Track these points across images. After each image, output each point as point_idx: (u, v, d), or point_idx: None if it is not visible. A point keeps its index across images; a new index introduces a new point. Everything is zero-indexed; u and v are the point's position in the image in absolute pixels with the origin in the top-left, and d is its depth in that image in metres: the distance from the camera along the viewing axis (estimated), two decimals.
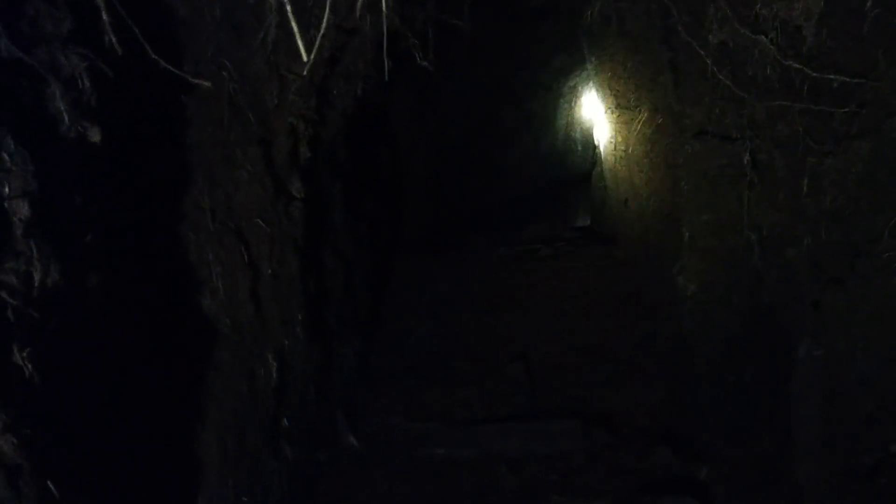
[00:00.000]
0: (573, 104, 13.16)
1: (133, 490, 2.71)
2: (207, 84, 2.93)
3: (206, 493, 3.30)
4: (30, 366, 1.93)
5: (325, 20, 2.47)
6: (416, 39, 4.48)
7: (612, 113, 8.16)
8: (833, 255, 3.42)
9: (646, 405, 5.62)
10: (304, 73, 3.29)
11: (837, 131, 3.21)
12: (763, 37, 3.29)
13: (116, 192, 2.70)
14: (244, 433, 3.65)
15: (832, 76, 3.10)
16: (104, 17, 2.05)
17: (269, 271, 3.95)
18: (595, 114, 9.81)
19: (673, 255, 5.43)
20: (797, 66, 3.20)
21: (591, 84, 10.20)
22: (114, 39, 2.16)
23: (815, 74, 3.13)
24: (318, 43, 2.47)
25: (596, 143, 9.92)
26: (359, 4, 3.39)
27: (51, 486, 1.94)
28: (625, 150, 7.62)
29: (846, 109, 3.10)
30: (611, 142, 8.66)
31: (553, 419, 5.50)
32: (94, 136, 2.39)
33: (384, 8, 2.97)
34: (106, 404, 2.54)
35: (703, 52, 3.64)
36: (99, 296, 2.46)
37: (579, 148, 12.67)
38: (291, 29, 2.82)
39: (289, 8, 2.20)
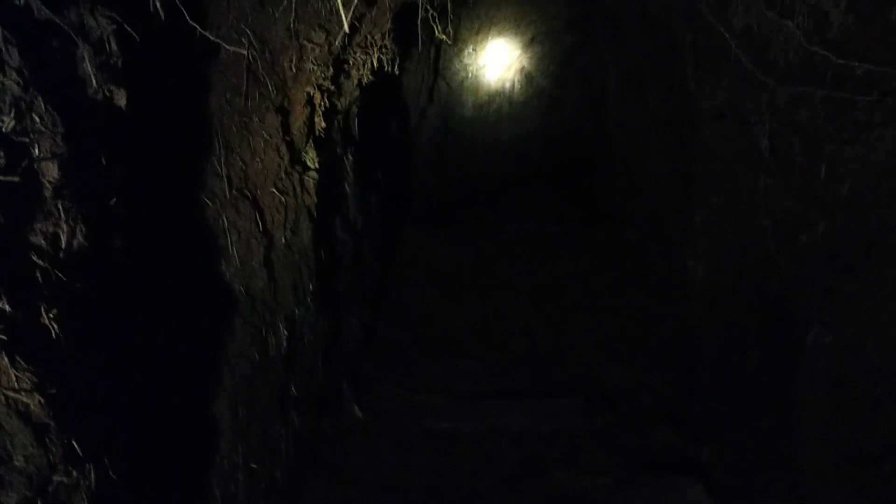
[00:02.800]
0: (583, 82, 13.07)
1: (151, 450, 2.75)
2: (233, 49, 2.90)
3: (218, 456, 3.34)
4: (56, 326, 1.95)
5: None
6: (434, 10, 4.44)
7: (625, 93, 8.12)
8: (847, 242, 3.43)
9: (650, 385, 5.67)
10: (337, 42, 3.25)
11: (859, 119, 3.20)
12: (789, 21, 3.26)
13: (140, 157, 2.70)
14: (254, 399, 3.68)
15: (857, 63, 3.08)
16: None
17: (283, 240, 3.96)
18: (607, 92, 9.75)
19: (683, 237, 5.43)
20: (822, 52, 3.18)
21: (603, 62, 10.12)
22: (158, 4, 2.14)
23: (839, 61, 3.11)
24: (350, 13, 2.45)
25: (607, 121, 9.87)
26: None
27: (75, 444, 1.97)
28: (637, 130, 7.59)
29: (870, 97, 3.08)
30: (622, 121, 8.62)
31: (556, 396, 5.55)
32: (121, 99, 2.39)
33: None
34: (127, 366, 2.56)
35: (727, 35, 3.61)
36: (123, 258, 2.47)
37: (589, 125, 12.59)
38: None
39: None
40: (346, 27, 2.63)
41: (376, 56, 4.94)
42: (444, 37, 4.29)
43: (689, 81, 4.65)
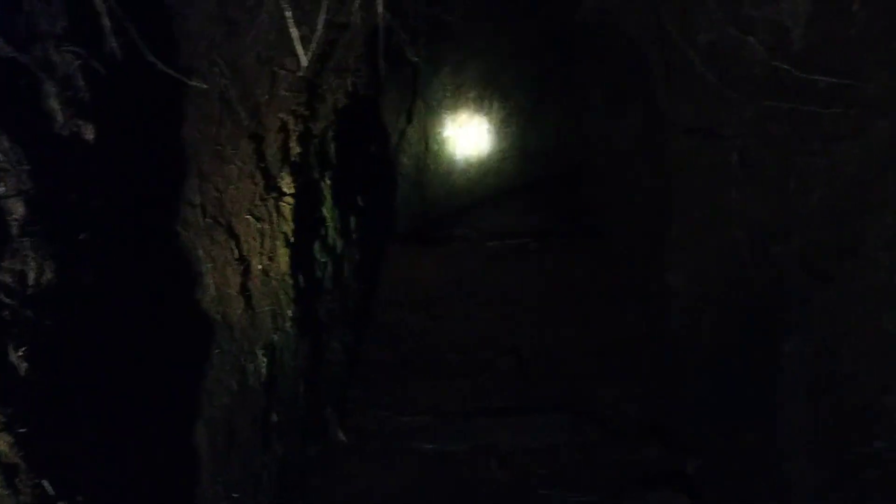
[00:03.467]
0: (563, 99, 13.15)
1: (129, 484, 2.72)
2: (202, 85, 2.91)
3: (198, 487, 3.31)
4: (25, 365, 1.94)
5: (320, 20, 2.46)
6: (406, 35, 4.48)
7: (604, 108, 8.19)
8: (821, 252, 3.46)
9: (636, 399, 5.67)
10: (302, 71, 3.27)
11: (825, 132, 3.24)
12: (751, 37, 3.31)
13: (110, 190, 2.70)
14: (234, 428, 3.66)
15: (820, 77, 3.12)
16: (105, 21, 2.05)
17: (260, 267, 3.96)
18: (587, 108, 9.83)
19: (663, 251, 5.47)
20: (785, 66, 3.22)
21: (580, 79, 10.21)
22: (115, 44, 2.16)
23: (802, 75, 3.15)
24: (313, 44, 2.47)
25: (588, 137, 9.94)
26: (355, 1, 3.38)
27: (46, 484, 1.95)
28: (617, 146, 7.65)
29: (834, 110, 3.12)
30: (602, 136, 8.68)
31: (543, 413, 5.54)
32: (88, 134, 2.40)
33: (380, 7, 2.95)
34: (100, 401, 2.54)
35: (692, 52, 3.66)
36: (94, 293, 2.46)
37: (571, 141, 12.66)
38: (283, 24, 2.82)
39: (288, 14, 2.20)
40: (304, 61, 2.63)
41: (350, 80, 4.97)
42: (416, 59, 4.33)
43: (661, 98, 4.70)
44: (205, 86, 2.99)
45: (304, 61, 2.40)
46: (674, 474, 4.57)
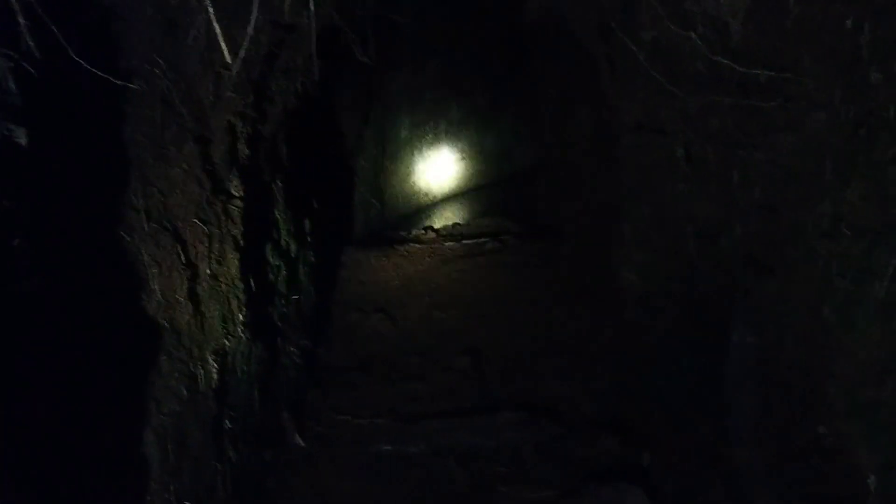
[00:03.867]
0: (519, 99, 13.22)
1: (74, 494, 2.67)
2: (134, 86, 2.87)
3: (148, 497, 3.25)
4: None
5: (252, 17, 2.44)
6: (355, 35, 4.46)
7: (556, 108, 8.25)
8: (763, 244, 3.52)
9: (592, 395, 5.71)
10: (234, 71, 3.24)
11: (765, 125, 3.30)
12: (692, 33, 3.36)
13: (46, 196, 2.64)
14: (185, 436, 3.60)
15: (759, 71, 3.18)
16: (20, 20, 2.00)
17: (208, 271, 3.90)
18: (540, 108, 9.89)
19: (615, 247, 5.52)
20: (725, 61, 3.27)
21: (533, 79, 10.27)
22: (31, 44, 2.11)
23: (742, 69, 3.21)
24: (245, 42, 2.44)
25: (542, 136, 10.00)
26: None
27: None
28: (570, 144, 7.70)
29: (773, 103, 3.18)
30: (556, 135, 8.74)
31: (501, 411, 5.55)
32: (20, 137, 2.34)
33: (311, 5, 2.93)
34: (43, 408, 2.49)
35: (635, 49, 3.71)
36: (32, 300, 2.41)
37: (525, 142, 12.74)
38: (225, 25, 2.79)
39: (210, 10, 2.18)
40: (236, 57, 2.61)
41: (300, 81, 4.93)
42: (365, 59, 4.32)
43: (608, 95, 4.75)
44: (136, 86, 2.93)
45: (228, 58, 2.37)
46: (630, 467, 4.61)
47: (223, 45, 2.34)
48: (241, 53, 2.59)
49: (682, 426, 4.58)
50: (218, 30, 2.26)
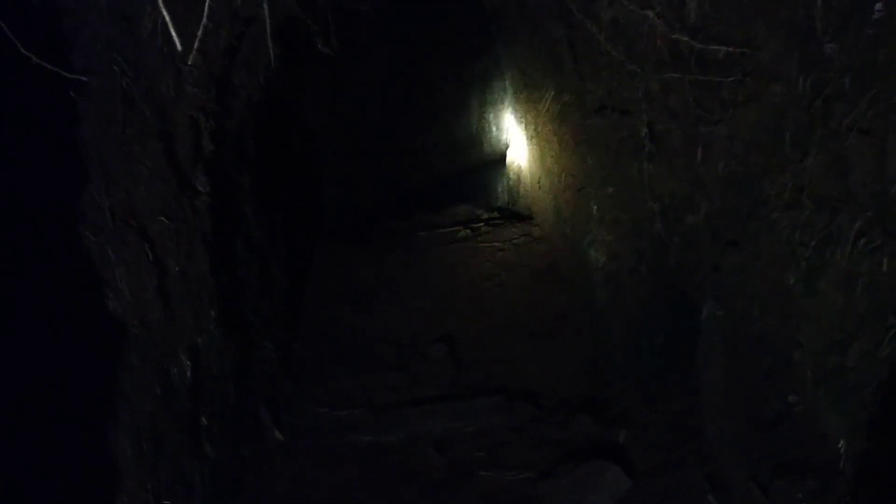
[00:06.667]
0: (485, 87, 13.24)
1: (47, 494, 2.64)
2: (91, 82, 2.83)
3: (124, 497, 3.23)
4: None
5: (206, 7, 2.41)
6: (316, 25, 4.42)
7: (522, 93, 8.27)
8: (728, 219, 3.57)
9: (567, 376, 5.76)
10: (190, 63, 3.20)
11: (725, 100, 3.34)
12: (650, 11, 3.38)
13: (4, 196, 2.61)
14: (160, 434, 3.58)
15: (717, 47, 3.21)
16: None
17: (177, 268, 3.87)
18: (506, 95, 9.91)
19: (584, 228, 5.56)
20: (684, 38, 3.30)
21: (501, 66, 10.28)
22: None
23: (700, 46, 3.24)
24: (199, 32, 2.42)
25: (509, 124, 10.03)
26: None
27: None
28: (535, 130, 7.73)
29: (732, 78, 3.22)
30: (521, 122, 8.77)
31: (477, 396, 5.58)
32: None
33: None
34: (13, 410, 2.46)
35: (595, 29, 3.72)
36: None
37: (494, 130, 12.77)
38: (180, 20, 2.76)
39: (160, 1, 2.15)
40: (190, 47, 2.58)
41: (262, 74, 4.89)
42: (327, 50, 4.29)
43: (571, 76, 4.77)
44: (94, 83, 2.89)
45: (179, 45, 2.35)
46: (606, 445, 4.66)
47: (173, 33, 2.31)
48: (196, 44, 2.56)
49: (656, 403, 4.64)
50: (168, 18, 2.23)
